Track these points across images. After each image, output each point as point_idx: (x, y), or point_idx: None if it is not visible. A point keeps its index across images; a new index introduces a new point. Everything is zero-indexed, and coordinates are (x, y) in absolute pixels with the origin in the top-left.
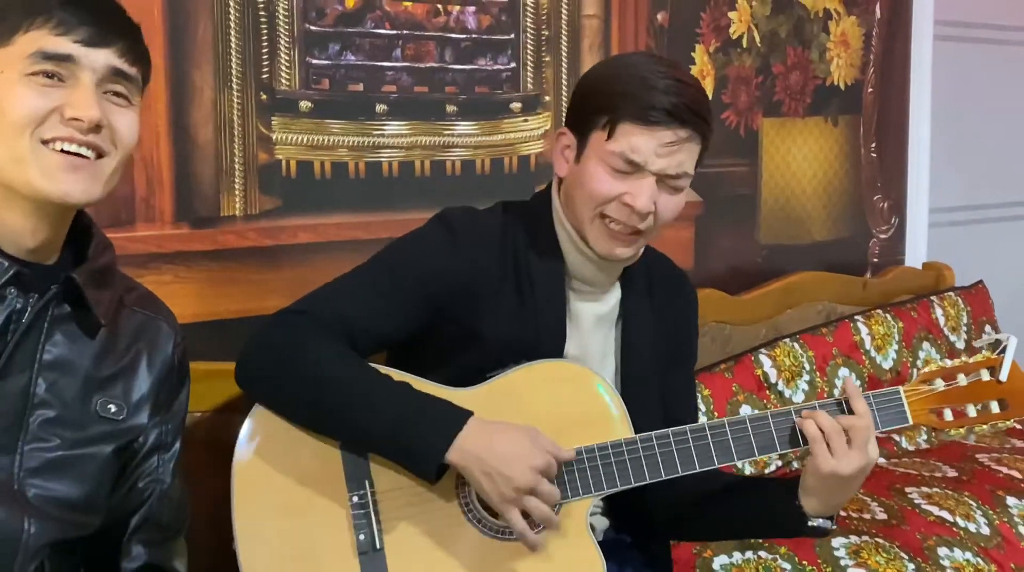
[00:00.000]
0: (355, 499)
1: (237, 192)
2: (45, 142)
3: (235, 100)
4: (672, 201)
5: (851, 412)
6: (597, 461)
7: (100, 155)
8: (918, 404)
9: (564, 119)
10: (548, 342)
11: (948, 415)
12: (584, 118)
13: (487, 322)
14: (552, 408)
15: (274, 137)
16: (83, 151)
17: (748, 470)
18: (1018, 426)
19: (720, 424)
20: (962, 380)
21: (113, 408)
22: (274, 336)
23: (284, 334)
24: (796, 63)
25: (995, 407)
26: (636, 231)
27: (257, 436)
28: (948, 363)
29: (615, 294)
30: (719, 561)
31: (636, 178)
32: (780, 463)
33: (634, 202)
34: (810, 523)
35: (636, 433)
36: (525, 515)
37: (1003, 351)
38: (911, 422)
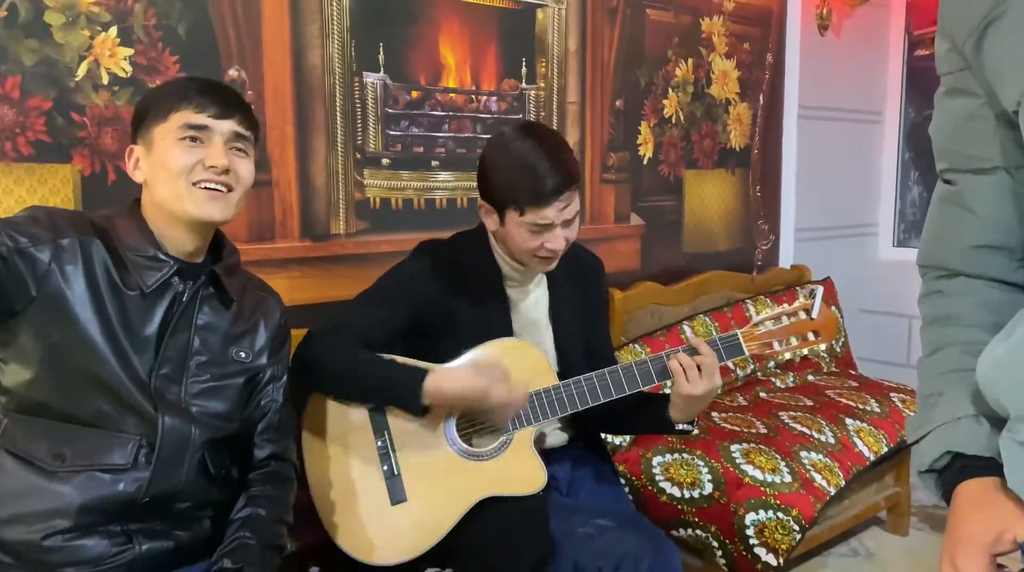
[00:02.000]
0: (379, 443)
1: (341, 218)
2: (194, 184)
3: (339, 158)
4: (573, 230)
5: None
6: (534, 402)
7: (229, 190)
8: (752, 341)
9: (480, 194)
10: (498, 325)
11: (776, 345)
12: (497, 202)
13: (457, 318)
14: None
15: (365, 182)
16: (219, 187)
17: None
18: (851, 373)
19: (615, 369)
20: (785, 321)
21: (243, 354)
22: (307, 351)
23: (314, 349)
24: (707, 133)
25: (811, 336)
26: (557, 254)
27: (316, 407)
28: (773, 311)
29: (542, 282)
30: (656, 460)
31: (548, 231)
32: None
33: (554, 246)
34: (677, 427)
35: (563, 377)
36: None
37: (813, 297)
38: (747, 354)
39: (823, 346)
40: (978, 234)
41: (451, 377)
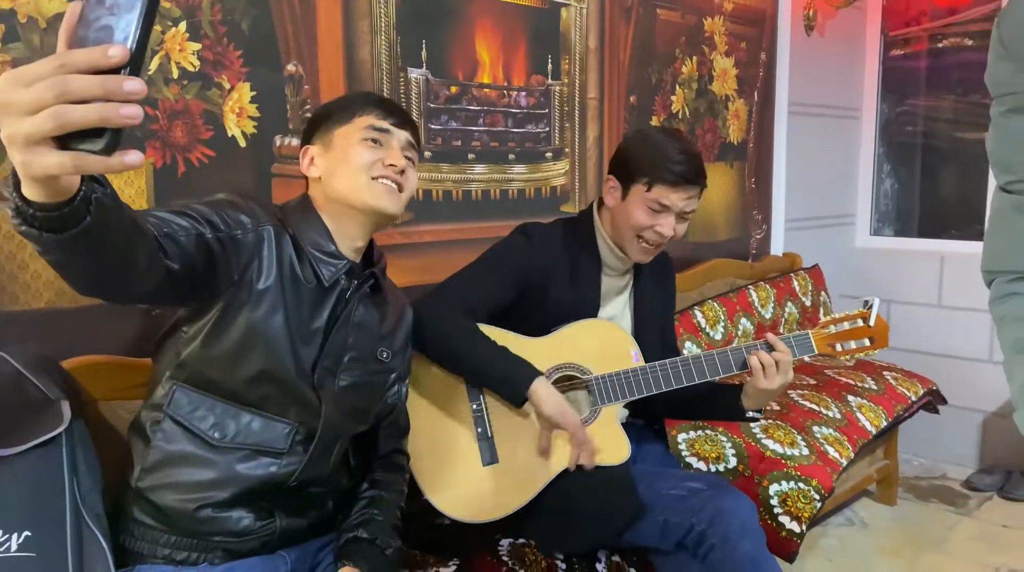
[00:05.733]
0: (475, 406)
1: None
2: (374, 178)
3: None
4: (682, 227)
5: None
6: (622, 380)
7: (400, 190)
8: (820, 340)
9: (609, 169)
10: (588, 308)
11: (839, 347)
12: (629, 174)
13: (550, 296)
14: (592, 347)
15: None
16: (394, 185)
17: None
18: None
19: (698, 356)
20: (846, 326)
21: (385, 354)
22: (427, 318)
23: (431, 317)
24: (709, 128)
25: (867, 342)
26: (659, 246)
27: (416, 366)
28: (837, 314)
29: (629, 274)
30: (681, 437)
31: (664, 215)
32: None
33: (663, 231)
34: (748, 415)
35: (645, 361)
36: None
37: (870, 307)
38: (816, 352)
39: (876, 353)
40: None
41: (554, 398)
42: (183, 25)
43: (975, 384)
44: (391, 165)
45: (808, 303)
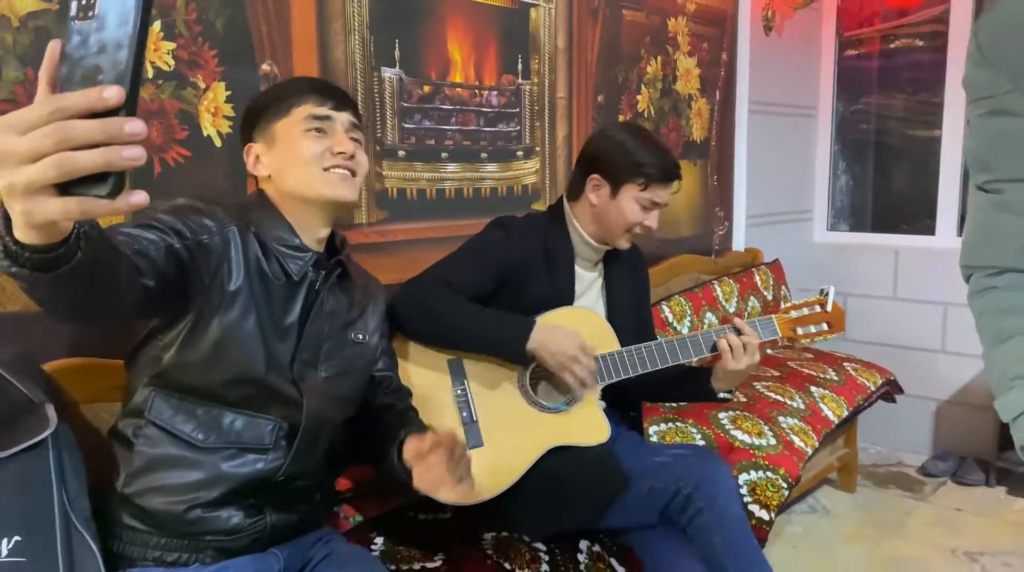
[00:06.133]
0: (458, 391)
1: (363, 208)
2: (325, 169)
3: None
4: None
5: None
6: (600, 364)
7: (353, 174)
8: (783, 325)
9: (587, 169)
10: (564, 296)
11: (800, 331)
12: (619, 175)
13: (529, 285)
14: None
15: (384, 174)
16: (346, 172)
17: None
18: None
19: (671, 340)
20: (806, 311)
21: (361, 336)
22: (410, 297)
23: (415, 295)
24: (674, 127)
25: (825, 326)
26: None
27: (399, 356)
28: (797, 301)
29: (600, 265)
30: (652, 429)
31: (654, 210)
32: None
33: (651, 224)
34: (719, 396)
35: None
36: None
37: (826, 294)
38: (780, 335)
39: (833, 337)
40: None
41: (554, 334)
42: (157, 24)
43: (929, 373)
44: (340, 152)
45: (770, 297)
